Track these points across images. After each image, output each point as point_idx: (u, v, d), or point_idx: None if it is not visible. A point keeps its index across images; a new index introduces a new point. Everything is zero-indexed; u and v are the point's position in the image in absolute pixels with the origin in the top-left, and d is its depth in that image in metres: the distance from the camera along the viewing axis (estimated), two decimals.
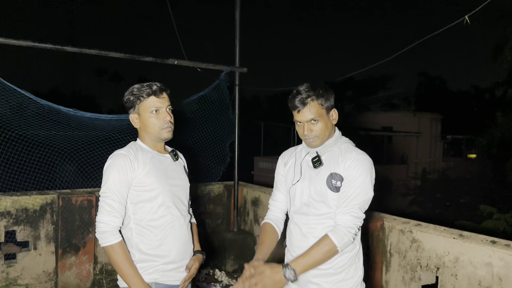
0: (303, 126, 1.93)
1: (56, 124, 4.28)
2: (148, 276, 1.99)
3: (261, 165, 23.00)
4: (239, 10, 5.12)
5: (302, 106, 1.89)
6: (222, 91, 5.15)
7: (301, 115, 1.90)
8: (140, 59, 4.52)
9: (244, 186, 5.30)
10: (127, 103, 2.05)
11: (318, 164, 1.93)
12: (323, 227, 1.89)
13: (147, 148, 2.08)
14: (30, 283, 4.00)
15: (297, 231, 1.99)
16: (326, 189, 1.89)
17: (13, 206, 3.92)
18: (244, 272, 1.85)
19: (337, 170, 1.89)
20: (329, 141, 1.96)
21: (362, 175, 1.85)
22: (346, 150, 1.93)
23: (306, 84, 1.92)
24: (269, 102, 49.63)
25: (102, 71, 61.82)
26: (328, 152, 1.96)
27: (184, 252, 2.10)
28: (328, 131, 1.94)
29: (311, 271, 1.87)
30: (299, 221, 1.98)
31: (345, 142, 2.00)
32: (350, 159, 1.87)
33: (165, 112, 2.05)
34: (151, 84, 2.04)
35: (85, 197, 4.15)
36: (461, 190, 16.81)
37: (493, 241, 2.76)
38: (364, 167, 1.86)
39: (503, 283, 2.64)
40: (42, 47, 4.00)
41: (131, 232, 2.01)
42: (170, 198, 2.04)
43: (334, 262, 1.89)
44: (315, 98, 1.89)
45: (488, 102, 32.18)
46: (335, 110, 1.96)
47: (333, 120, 1.96)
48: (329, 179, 1.89)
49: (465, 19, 2.94)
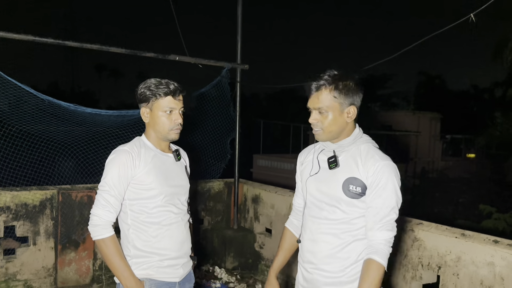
0: (311, 113, 1.81)
1: (57, 119, 4.26)
2: (143, 271, 1.99)
3: (260, 162, 22.99)
4: (241, 6, 5.10)
5: (314, 90, 1.78)
6: (223, 87, 5.13)
7: (310, 101, 1.80)
8: (142, 55, 4.50)
9: (244, 184, 5.29)
10: (141, 96, 2.03)
11: (334, 165, 1.79)
12: (337, 233, 1.79)
13: (151, 146, 2.06)
14: (29, 278, 3.98)
15: (308, 235, 1.89)
16: (341, 193, 1.77)
17: (13, 201, 3.90)
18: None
19: (355, 175, 1.75)
20: (346, 140, 1.81)
21: (390, 184, 1.72)
22: (367, 153, 1.77)
23: (333, 71, 1.77)
24: (268, 100, 49.60)
25: (101, 67, 61.64)
26: (346, 153, 1.81)
27: (181, 250, 2.09)
28: (338, 128, 1.78)
29: (321, 279, 1.82)
30: (311, 225, 1.88)
31: (365, 142, 1.83)
32: (373, 165, 1.72)
33: (177, 114, 2.03)
34: (169, 83, 2.01)
35: (85, 193, 4.13)
36: (460, 189, 16.84)
37: (495, 241, 2.76)
38: (391, 174, 1.72)
39: (505, 283, 2.63)
40: (43, 42, 3.97)
41: (128, 227, 2.01)
42: (169, 198, 2.04)
43: (347, 269, 1.80)
44: (329, 88, 1.74)
45: (488, 102, 32.19)
46: (354, 107, 1.77)
47: (348, 118, 1.78)
48: (346, 183, 1.76)
49: (470, 18, 2.93)
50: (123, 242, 2.04)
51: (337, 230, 1.79)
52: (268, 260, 4.77)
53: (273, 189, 4.85)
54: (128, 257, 2.00)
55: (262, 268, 4.85)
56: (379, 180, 1.71)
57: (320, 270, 1.83)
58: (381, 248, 1.70)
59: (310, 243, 1.87)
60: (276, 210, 4.69)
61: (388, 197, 1.71)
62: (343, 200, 1.77)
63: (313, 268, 1.86)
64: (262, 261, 4.88)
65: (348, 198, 1.76)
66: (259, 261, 4.91)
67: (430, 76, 41.05)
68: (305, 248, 1.91)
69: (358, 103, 1.79)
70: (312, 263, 1.86)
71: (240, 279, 4.72)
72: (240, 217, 5.24)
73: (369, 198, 1.73)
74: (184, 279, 2.13)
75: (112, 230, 1.94)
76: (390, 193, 1.71)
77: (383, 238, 1.71)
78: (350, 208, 1.77)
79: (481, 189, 16.31)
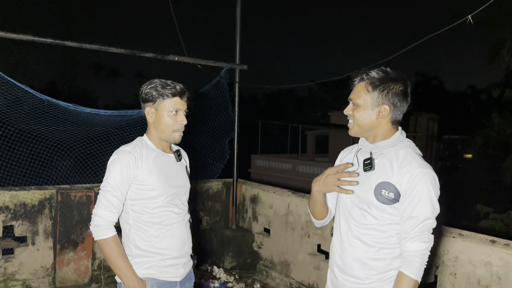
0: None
1: (56, 119, 4.26)
2: (144, 271, 2.00)
3: (258, 162, 23.03)
4: (240, 6, 5.11)
5: (355, 82, 1.77)
6: (222, 88, 5.14)
7: (351, 92, 1.78)
8: (141, 55, 4.51)
9: (243, 184, 5.30)
10: (147, 96, 2.03)
11: (369, 168, 1.73)
12: (365, 238, 1.75)
13: (152, 146, 2.07)
14: (28, 278, 3.98)
15: (338, 237, 1.86)
16: (372, 197, 1.71)
17: (12, 201, 3.90)
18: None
19: (389, 179, 1.68)
20: (384, 142, 1.74)
21: (427, 193, 1.64)
22: (405, 158, 1.69)
23: (384, 68, 1.74)
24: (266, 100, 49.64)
25: (99, 67, 61.60)
26: (383, 156, 1.74)
27: (182, 250, 2.10)
28: (368, 125, 1.74)
29: (347, 284, 1.80)
30: (340, 227, 1.84)
31: (405, 147, 1.74)
32: (409, 172, 1.65)
33: (182, 115, 2.05)
34: (175, 84, 2.03)
35: (84, 193, 4.13)
36: (457, 190, 16.89)
37: (492, 241, 2.78)
38: (427, 182, 1.64)
39: (502, 282, 2.65)
40: (42, 41, 3.98)
41: (130, 227, 2.02)
42: (170, 199, 2.05)
43: (374, 277, 1.76)
44: (366, 82, 1.72)
45: (485, 103, 32.31)
46: (387, 107, 1.71)
47: (380, 116, 1.72)
48: (378, 188, 1.70)
49: (468, 19, 2.95)
50: (125, 241, 2.05)
51: (365, 236, 1.75)
52: (266, 260, 4.79)
53: (272, 189, 4.86)
54: (130, 256, 2.01)
55: (261, 267, 4.86)
56: (414, 188, 1.64)
57: (346, 275, 1.81)
58: (414, 260, 1.65)
59: (339, 245, 1.84)
60: (274, 210, 4.70)
61: (423, 207, 1.64)
62: (374, 204, 1.72)
63: (340, 272, 1.84)
64: (260, 261, 4.89)
65: (379, 203, 1.70)
66: (258, 260, 4.92)
67: (427, 76, 41.19)
68: (335, 249, 1.87)
69: (396, 106, 1.73)
70: (339, 266, 1.84)
71: (239, 278, 4.73)
72: (239, 217, 5.25)
73: (403, 206, 1.67)
74: (184, 279, 2.14)
75: (114, 230, 1.94)
76: (426, 202, 1.64)
77: (416, 249, 1.65)
78: (380, 214, 1.71)
79: (478, 189, 16.37)
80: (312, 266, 4.13)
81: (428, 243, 1.66)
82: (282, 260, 4.55)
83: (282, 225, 4.57)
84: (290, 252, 4.45)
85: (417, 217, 1.65)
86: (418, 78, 40.94)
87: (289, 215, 4.48)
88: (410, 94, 1.75)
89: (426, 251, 1.66)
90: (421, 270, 1.66)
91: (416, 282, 1.65)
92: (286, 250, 4.48)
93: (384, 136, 1.75)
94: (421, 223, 1.65)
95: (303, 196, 4.39)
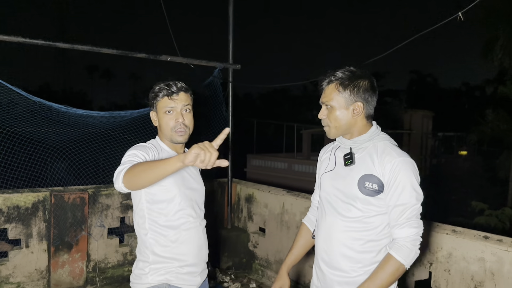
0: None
1: (48, 121, 4.24)
2: (161, 277, 1.94)
3: (254, 162, 23.00)
4: (232, 6, 5.10)
5: (323, 86, 1.81)
6: (215, 88, 5.12)
7: (321, 96, 1.81)
8: (133, 56, 4.49)
9: (237, 183, 5.30)
10: (149, 101, 2.05)
11: (350, 162, 1.78)
12: (351, 231, 1.78)
13: (166, 148, 2.04)
14: (22, 281, 3.96)
15: (322, 233, 1.88)
16: (356, 190, 1.75)
17: (5, 203, 3.88)
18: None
19: (372, 172, 1.73)
20: (361, 137, 1.79)
21: (409, 180, 1.69)
22: (384, 150, 1.75)
23: (347, 67, 1.79)
24: (261, 100, 49.63)
25: (93, 68, 61.42)
26: (362, 150, 1.79)
27: (199, 257, 2.06)
28: (344, 124, 1.78)
29: (334, 278, 1.81)
30: (325, 222, 1.87)
31: (382, 139, 1.80)
32: (390, 162, 1.70)
33: (178, 113, 1.99)
34: (170, 84, 2.00)
35: (77, 195, 4.11)
36: (452, 186, 16.97)
37: (485, 237, 2.79)
38: (407, 170, 1.70)
39: (495, 278, 2.67)
40: (34, 43, 3.95)
41: (146, 232, 1.97)
42: (187, 202, 2.00)
43: (361, 270, 1.77)
44: (335, 83, 1.76)
45: (479, 100, 32.48)
46: (360, 104, 1.76)
47: (354, 114, 1.77)
48: (362, 180, 1.74)
49: (458, 16, 2.96)
50: (141, 248, 1.99)
51: (351, 229, 1.77)
52: (262, 259, 4.79)
53: (266, 188, 4.86)
54: (146, 263, 1.95)
55: (256, 267, 4.86)
56: (396, 177, 1.69)
57: (333, 269, 1.82)
58: (404, 245, 1.68)
59: (324, 240, 1.86)
60: (269, 210, 4.70)
61: (407, 194, 1.69)
62: (358, 197, 1.75)
63: (326, 266, 1.85)
64: (256, 261, 4.89)
65: (364, 195, 1.74)
66: (253, 260, 4.92)
67: (421, 74, 41.35)
68: (320, 246, 1.89)
69: (368, 101, 1.78)
70: (325, 261, 1.85)
71: (234, 278, 4.73)
72: (234, 217, 5.25)
73: (388, 196, 1.72)
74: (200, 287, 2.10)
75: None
76: (409, 190, 1.69)
77: (406, 235, 1.69)
78: (366, 206, 1.75)
79: (473, 186, 16.46)
80: (308, 264, 4.14)
81: (417, 228, 1.70)
82: (277, 259, 4.55)
83: (277, 224, 4.57)
84: (285, 251, 4.44)
85: (403, 205, 1.70)
86: (412, 76, 41.14)
87: (284, 214, 4.48)
88: (374, 84, 1.81)
89: (417, 236, 1.70)
90: (411, 256, 1.68)
91: (401, 265, 1.68)
92: (281, 249, 4.49)
93: (360, 132, 1.81)
94: (408, 210, 1.70)
95: (297, 194, 4.40)
